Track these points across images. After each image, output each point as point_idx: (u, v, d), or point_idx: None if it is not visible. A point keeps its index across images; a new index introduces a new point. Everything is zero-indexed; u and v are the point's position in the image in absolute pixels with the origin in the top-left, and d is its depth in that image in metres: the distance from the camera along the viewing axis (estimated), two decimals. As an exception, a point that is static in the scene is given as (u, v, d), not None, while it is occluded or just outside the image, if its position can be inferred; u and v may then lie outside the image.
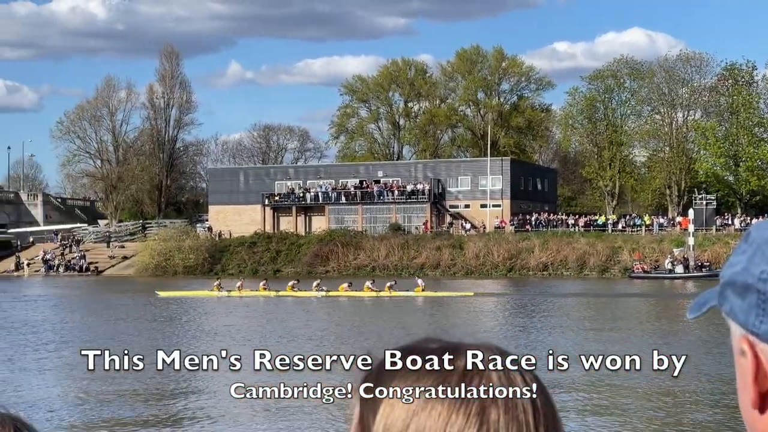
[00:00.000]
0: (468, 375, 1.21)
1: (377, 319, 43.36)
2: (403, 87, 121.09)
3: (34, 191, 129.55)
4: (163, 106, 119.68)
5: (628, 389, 23.23)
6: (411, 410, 1.19)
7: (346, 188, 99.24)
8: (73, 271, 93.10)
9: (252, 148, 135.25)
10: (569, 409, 20.71)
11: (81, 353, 1.55)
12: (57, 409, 21.17)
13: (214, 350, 26.07)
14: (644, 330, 37.57)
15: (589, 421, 19.82)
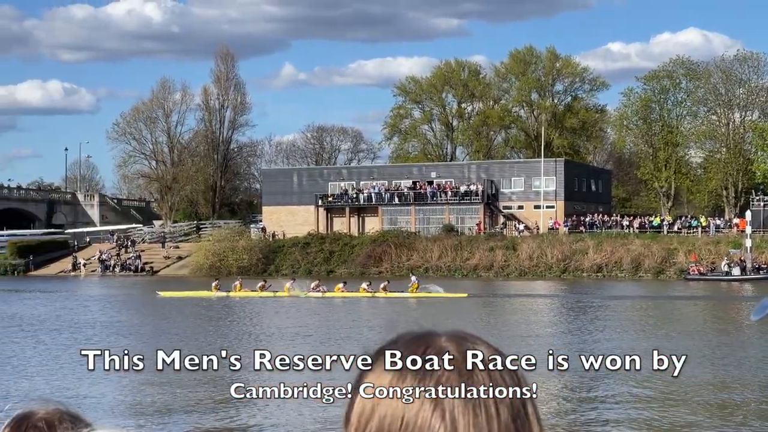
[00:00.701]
0: (424, 366, 1.22)
1: (430, 320, 43.27)
2: (456, 88, 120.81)
3: (90, 192, 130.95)
4: (217, 107, 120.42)
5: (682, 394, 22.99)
6: (376, 400, 1.21)
7: (399, 189, 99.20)
8: (129, 271, 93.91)
9: (305, 149, 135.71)
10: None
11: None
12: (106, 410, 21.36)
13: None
14: (700, 333, 37.19)
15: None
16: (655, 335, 36.06)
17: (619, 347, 31.84)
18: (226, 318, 46.21)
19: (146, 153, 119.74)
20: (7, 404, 1.92)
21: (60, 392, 23.24)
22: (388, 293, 59.89)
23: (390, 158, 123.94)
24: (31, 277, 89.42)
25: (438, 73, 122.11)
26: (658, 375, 24.27)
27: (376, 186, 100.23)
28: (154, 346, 32.49)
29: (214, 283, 65.05)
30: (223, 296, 61.22)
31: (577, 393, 23.01)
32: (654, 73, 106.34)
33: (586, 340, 34.20)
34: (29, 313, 48.77)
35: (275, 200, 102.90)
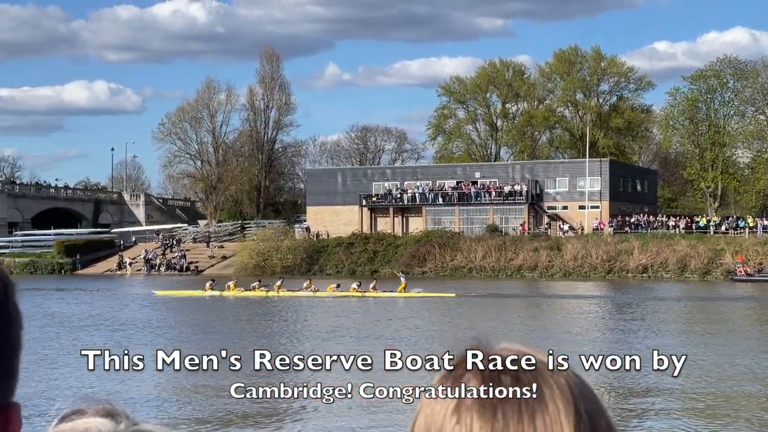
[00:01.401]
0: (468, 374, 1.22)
1: (473, 319, 43.17)
2: (500, 88, 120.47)
3: (136, 192, 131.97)
4: (262, 107, 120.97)
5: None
6: (424, 404, 1.22)
7: (443, 189, 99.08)
8: (174, 271, 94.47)
9: (349, 149, 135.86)
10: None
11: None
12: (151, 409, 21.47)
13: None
14: (747, 334, 36.84)
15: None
16: (700, 337, 35.74)
17: (660, 348, 31.58)
18: (268, 316, 46.33)
19: (191, 153, 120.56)
20: (55, 404, 1.96)
21: (105, 391, 23.41)
22: (378, 293, 60.56)
23: (434, 158, 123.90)
24: (78, 276, 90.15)
25: (482, 73, 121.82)
26: (701, 385, 24.11)
27: (420, 186, 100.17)
28: (198, 345, 32.69)
29: (208, 283, 65.98)
30: (217, 295, 61.82)
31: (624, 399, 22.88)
32: (701, 72, 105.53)
33: (626, 342, 33.96)
34: (77, 312, 49.20)
35: (319, 200, 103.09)
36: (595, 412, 1.22)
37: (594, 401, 1.24)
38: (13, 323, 1.09)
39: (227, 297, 61.31)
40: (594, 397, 1.24)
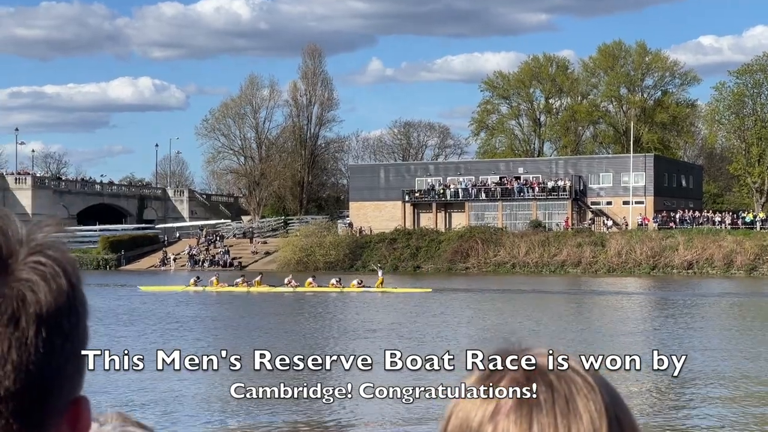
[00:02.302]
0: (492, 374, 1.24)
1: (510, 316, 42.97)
2: (544, 83, 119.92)
3: (180, 188, 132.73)
4: (305, 103, 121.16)
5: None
6: (458, 406, 1.23)
7: (486, 185, 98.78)
8: (218, 266, 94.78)
9: (392, 144, 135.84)
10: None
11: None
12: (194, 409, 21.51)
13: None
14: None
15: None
16: (746, 334, 35.36)
17: (705, 347, 31.32)
18: (311, 312, 46.36)
19: (235, 149, 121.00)
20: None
21: (144, 388, 23.51)
22: (358, 288, 61.48)
23: (477, 154, 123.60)
24: (123, 272, 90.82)
25: (526, 69, 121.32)
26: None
27: (463, 181, 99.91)
28: (245, 342, 32.74)
29: (192, 278, 66.61)
30: (200, 291, 62.30)
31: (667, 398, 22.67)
32: (747, 66, 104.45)
33: (674, 338, 33.67)
34: (128, 307, 49.50)
35: (362, 196, 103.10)
36: (625, 420, 1.23)
37: (622, 406, 1.25)
38: (82, 316, 1.10)
39: (211, 292, 61.95)
40: (622, 402, 1.25)
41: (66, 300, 1.07)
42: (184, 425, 18.84)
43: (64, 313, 1.07)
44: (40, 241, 1.09)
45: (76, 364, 1.09)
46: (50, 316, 1.05)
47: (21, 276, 1.05)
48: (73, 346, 1.09)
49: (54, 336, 1.05)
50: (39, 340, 1.04)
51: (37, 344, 1.04)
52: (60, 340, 1.06)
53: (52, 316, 1.05)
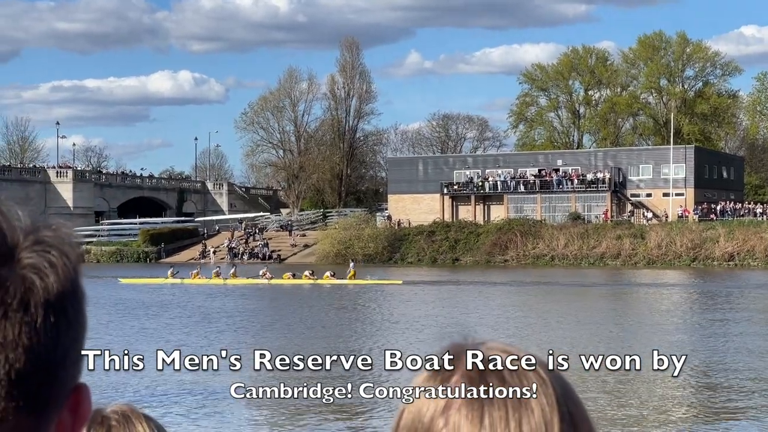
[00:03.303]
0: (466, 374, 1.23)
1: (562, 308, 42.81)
2: (583, 75, 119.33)
3: (219, 181, 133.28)
4: (343, 96, 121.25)
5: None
6: (411, 402, 1.24)
7: (525, 177, 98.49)
8: (257, 259, 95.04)
9: (431, 137, 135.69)
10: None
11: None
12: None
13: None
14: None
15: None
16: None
17: (747, 343, 31.08)
18: (348, 305, 46.44)
19: (273, 142, 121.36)
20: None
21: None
22: (331, 280, 62.46)
23: (516, 146, 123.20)
24: (163, 264, 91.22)
25: (565, 60, 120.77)
26: None
27: (501, 174, 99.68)
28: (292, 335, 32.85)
29: (170, 270, 67.22)
30: (178, 283, 62.85)
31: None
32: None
33: (714, 334, 33.43)
34: (175, 301, 49.79)
35: (401, 188, 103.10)
36: (577, 413, 1.23)
37: (575, 400, 1.25)
38: (83, 303, 1.13)
39: (189, 285, 62.34)
40: (575, 395, 1.25)
41: (71, 286, 1.10)
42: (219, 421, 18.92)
43: (69, 298, 1.09)
44: (44, 229, 1.11)
45: (78, 350, 1.12)
46: (57, 301, 1.08)
47: (28, 262, 1.07)
48: (76, 332, 1.11)
49: (60, 321, 1.08)
50: (47, 325, 1.06)
51: (45, 328, 1.06)
52: (65, 325, 1.09)
53: (58, 301, 1.08)
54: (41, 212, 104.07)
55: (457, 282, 61.87)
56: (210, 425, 18.17)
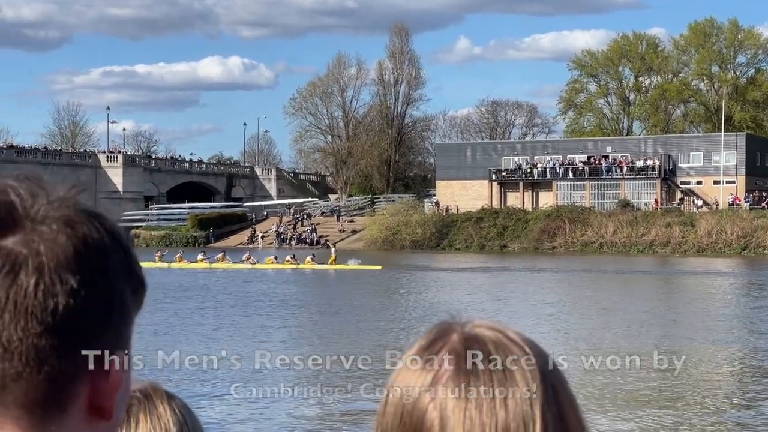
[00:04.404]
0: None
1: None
2: (633, 61, 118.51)
3: (268, 166, 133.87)
4: (392, 82, 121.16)
5: None
6: (399, 376, 1.27)
7: (573, 164, 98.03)
8: (305, 244, 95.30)
9: (479, 123, 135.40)
10: None
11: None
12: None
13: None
14: None
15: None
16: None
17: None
18: (392, 290, 46.49)
19: (322, 127, 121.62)
20: None
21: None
22: (314, 265, 63.24)
23: (565, 132, 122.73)
24: (211, 249, 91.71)
25: (615, 47, 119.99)
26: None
27: (550, 161, 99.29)
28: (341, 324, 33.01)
29: (157, 253, 67.52)
30: (165, 267, 62.88)
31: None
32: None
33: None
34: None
35: (449, 174, 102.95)
36: (560, 387, 1.25)
37: (560, 377, 1.27)
38: (101, 278, 1.14)
39: (174, 269, 62.85)
40: (559, 373, 1.27)
41: (73, 255, 1.10)
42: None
43: (71, 268, 1.10)
44: (59, 203, 1.13)
45: (97, 322, 1.12)
46: (51, 271, 1.09)
47: (31, 233, 1.09)
48: (89, 304, 1.11)
49: (57, 290, 1.09)
50: (38, 293, 1.08)
51: (36, 296, 1.08)
52: (66, 294, 1.09)
53: (53, 270, 1.09)
54: (91, 196, 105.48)
55: (502, 268, 61.81)
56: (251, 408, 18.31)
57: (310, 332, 30.08)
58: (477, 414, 1.20)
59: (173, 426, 2.01)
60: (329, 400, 18.95)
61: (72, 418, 1.13)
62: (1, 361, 1.08)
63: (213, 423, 16.67)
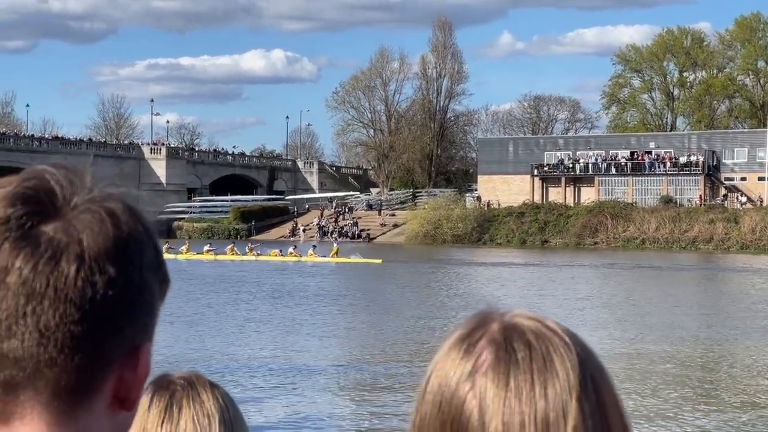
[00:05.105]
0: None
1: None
2: (678, 56, 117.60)
3: (310, 160, 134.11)
4: (435, 76, 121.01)
5: None
6: (438, 366, 1.26)
7: (616, 159, 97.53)
8: (346, 238, 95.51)
9: (522, 118, 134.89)
10: None
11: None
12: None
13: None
14: None
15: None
16: None
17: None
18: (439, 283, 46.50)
19: (364, 121, 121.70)
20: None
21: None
22: (315, 257, 64.38)
23: (608, 128, 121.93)
24: (253, 242, 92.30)
25: (659, 41, 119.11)
26: None
27: (592, 156, 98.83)
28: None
29: (165, 245, 68.01)
30: (172, 258, 63.06)
31: None
32: None
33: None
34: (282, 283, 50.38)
35: (491, 169, 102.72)
36: (600, 378, 1.25)
37: (599, 366, 1.27)
38: (137, 267, 1.16)
39: (181, 260, 63.46)
40: (599, 362, 1.27)
41: (113, 246, 1.12)
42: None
43: (111, 258, 1.11)
44: (98, 192, 1.15)
45: (132, 310, 1.14)
46: (92, 259, 1.10)
47: (72, 221, 1.11)
48: (124, 292, 1.13)
49: (96, 279, 1.10)
50: (78, 281, 1.09)
51: (76, 284, 1.09)
52: (104, 283, 1.11)
53: (93, 259, 1.10)
54: (135, 188, 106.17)
55: (540, 264, 61.67)
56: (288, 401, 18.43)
57: (348, 326, 30.21)
58: (516, 403, 1.20)
59: (216, 413, 2.05)
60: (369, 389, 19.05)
61: (99, 406, 1.15)
62: (36, 347, 1.10)
63: (253, 413, 16.83)
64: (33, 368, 1.11)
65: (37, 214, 1.11)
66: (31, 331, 1.09)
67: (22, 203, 1.11)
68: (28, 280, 1.09)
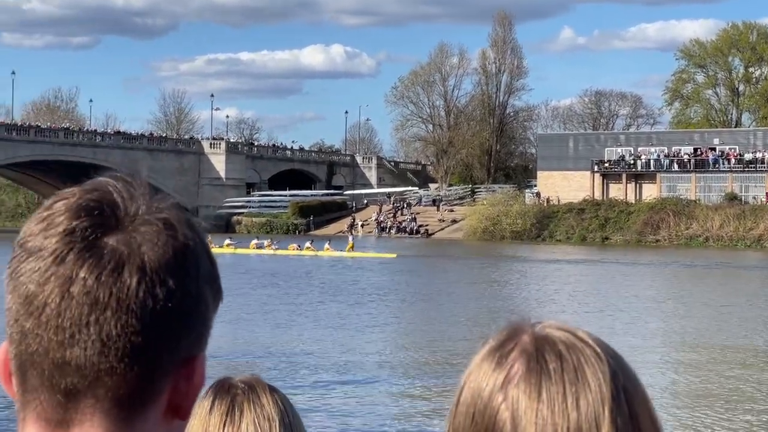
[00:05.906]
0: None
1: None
2: (743, 51, 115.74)
3: (368, 155, 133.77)
4: (494, 71, 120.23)
5: None
6: (470, 378, 1.26)
7: (679, 156, 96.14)
8: (404, 233, 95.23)
9: (582, 113, 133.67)
10: None
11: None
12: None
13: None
14: None
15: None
16: None
17: None
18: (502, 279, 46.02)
19: (423, 116, 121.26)
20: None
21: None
22: (331, 252, 65.79)
23: (670, 124, 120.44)
24: (311, 237, 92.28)
25: (724, 36, 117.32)
26: None
27: (654, 152, 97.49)
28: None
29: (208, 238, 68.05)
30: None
31: None
32: None
33: None
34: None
35: (550, 165, 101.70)
36: (633, 388, 1.25)
37: (632, 378, 1.27)
38: (195, 279, 1.20)
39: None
40: (632, 373, 1.27)
41: (172, 258, 1.16)
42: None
43: (170, 270, 1.15)
44: (157, 204, 1.19)
45: (189, 321, 1.18)
46: (153, 271, 1.14)
47: (133, 233, 1.15)
48: (182, 304, 1.16)
49: (156, 290, 1.14)
50: (140, 292, 1.13)
51: (138, 295, 1.13)
52: (164, 295, 1.14)
53: (154, 271, 1.14)
54: (194, 182, 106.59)
55: (597, 261, 60.89)
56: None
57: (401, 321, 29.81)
58: (549, 414, 1.21)
59: (276, 416, 2.14)
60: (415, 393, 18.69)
61: (154, 415, 1.19)
62: (98, 356, 1.13)
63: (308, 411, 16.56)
64: (94, 376, 1.14)
65: (101, 226, 1.15)
66: (94, 340, 1.13)
67: (86, 214, 1.15)
68: (92, 290, 1.13)
